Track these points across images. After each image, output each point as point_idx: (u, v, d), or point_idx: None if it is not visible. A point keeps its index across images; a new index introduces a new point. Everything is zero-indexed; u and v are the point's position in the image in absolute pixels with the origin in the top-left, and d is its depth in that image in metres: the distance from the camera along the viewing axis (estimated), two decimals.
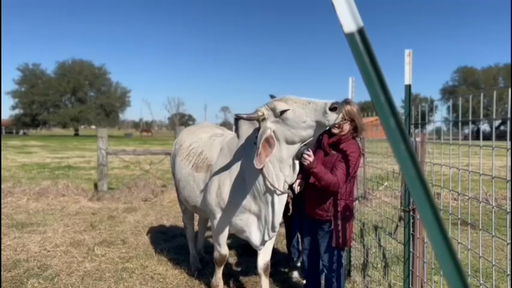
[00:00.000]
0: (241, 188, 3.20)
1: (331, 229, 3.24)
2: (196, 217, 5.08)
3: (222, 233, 3.50)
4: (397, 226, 6.10)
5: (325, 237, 3.30)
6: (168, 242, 5.49)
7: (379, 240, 5.67)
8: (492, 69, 78.38)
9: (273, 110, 2.80)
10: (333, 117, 2.61)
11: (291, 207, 3.10)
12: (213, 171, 3.46)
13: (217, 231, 3.51)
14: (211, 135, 3.94)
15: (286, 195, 3.07)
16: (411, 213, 2.65)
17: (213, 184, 3.40)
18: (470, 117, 2.21)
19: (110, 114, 72.92)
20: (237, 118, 3.00)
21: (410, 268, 2.67)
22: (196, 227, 5.12)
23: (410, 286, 2.68)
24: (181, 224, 6.39)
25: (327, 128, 2.82)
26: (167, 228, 6.27)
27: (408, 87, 2.56)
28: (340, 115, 2.65)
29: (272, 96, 2.99)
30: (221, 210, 3.38)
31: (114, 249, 5.08)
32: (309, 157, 2.89)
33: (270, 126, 2.81)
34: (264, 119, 2.84)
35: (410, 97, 2.59)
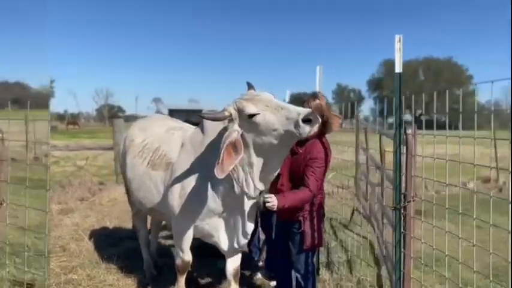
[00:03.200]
0: (207, 189, 2.88)
1: (302, 230, 3.04)
2: (149, 218, 4.64)
3: (186, 238, 3.15)
4: (351, 217, 6.15)
5: (296, 238, 3.09)
6: (115, 246, 5.01)
7: (335, 233, 5.65)
8: (412, 62, 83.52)
9: (241, 111, 2.48)
10: (306, 130, 2.30)
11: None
12: (174, 170, 3.10)
13: (180, 236, 3.17)
14: (168, 128, 3.56)
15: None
16: (402, 210, 2.50)
17: (175, 184, 3.04)
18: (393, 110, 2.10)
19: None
20: (203, 118, 2.65)
21: (402, 269, 2.53)
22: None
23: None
24: (126, 225, 5.90)
25: (300, 138, 2.48)
26: (111, 231, 5.76)
27: (398, 76, 2.40)
28: (315, 127, 2.32)
29: (249, 85, 2.68)
30: (185, 213, 3.03)
31: (53, 258, 4.51)
32: (273, 201, 2.61)
33: (237, 129, 2.48)
34: (231, 120, 2.52)
35: (401, 86, 2.43)
